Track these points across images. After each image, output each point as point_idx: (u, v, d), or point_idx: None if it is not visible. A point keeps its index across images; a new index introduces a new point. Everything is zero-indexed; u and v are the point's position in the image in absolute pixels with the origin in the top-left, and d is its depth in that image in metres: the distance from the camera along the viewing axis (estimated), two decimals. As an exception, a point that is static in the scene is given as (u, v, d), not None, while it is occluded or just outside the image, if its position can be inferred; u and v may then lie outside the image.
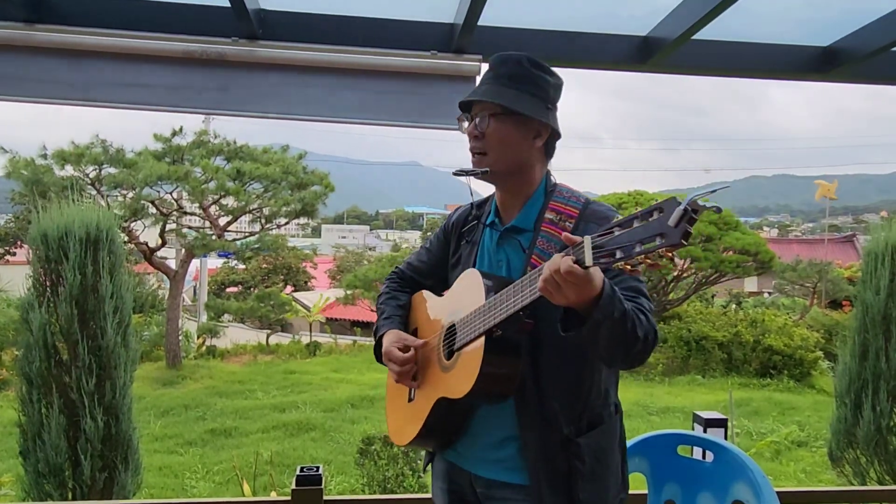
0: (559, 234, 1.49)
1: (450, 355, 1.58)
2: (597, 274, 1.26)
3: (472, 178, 1.60)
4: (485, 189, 1.76)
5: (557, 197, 1.59)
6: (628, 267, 1.12)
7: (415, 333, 1.77)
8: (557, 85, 1.60)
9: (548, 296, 1.28)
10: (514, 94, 1.54)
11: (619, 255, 1.12)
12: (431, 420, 1.60)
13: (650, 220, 1.09)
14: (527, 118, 1.55)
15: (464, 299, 1.56)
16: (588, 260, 1.17)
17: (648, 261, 1.09)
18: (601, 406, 1.57)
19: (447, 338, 1.60)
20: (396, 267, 1.94)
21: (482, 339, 1.46)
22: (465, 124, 1.62)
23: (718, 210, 1.09)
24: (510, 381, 1.48)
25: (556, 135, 1.60)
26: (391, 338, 1.69)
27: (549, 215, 1.56)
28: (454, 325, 1.57)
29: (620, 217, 1.50)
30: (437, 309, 1.70)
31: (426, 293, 1.79)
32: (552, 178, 1.64)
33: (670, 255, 1.08)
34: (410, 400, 1.71)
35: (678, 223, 1.04)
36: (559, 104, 1.62)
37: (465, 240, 1.71)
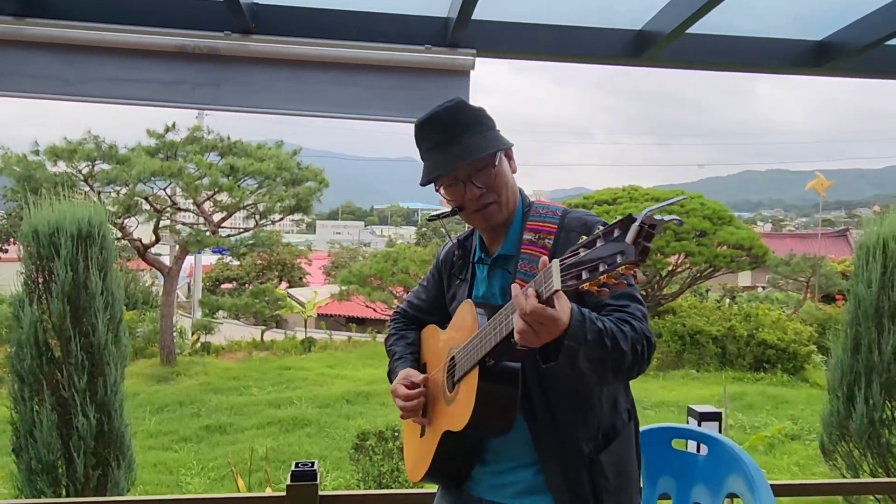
0: (539, 252, 1.50)
1: (452, 387, 1.56)
2: (563, 305, 1.23)
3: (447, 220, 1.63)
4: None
5: (533, 216, 1.58)
6: (595, 288, 1.10)
7: (424, 367, 1.76)
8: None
9: (527, 343, 1.25)
10: (483, 137, 1.53)
11: (584, 275, 1.09)
12: (439, 455, 1.58)
13: (613, 237, 1.07)
14: (501, 151, 1.55)
15: (461, 331, 1.55)
16: (556, 284, 1.15)
17: (612, 280, 1.07)
18: (613, 416, 1.56)
19: (449, 370, 1.59)
20: (399, 307, 1.94)
21: (476, 369, 1.44)
22: (444, 190, 1.57)
23: (679, 223, 1.07)
24: (508, 410, 1.45)
25: None
26: (399, 376, 1.69)
27: (527, 236, 1.55)
28: (454, 357, 1.56)
29: (599, 221, 1.51)
30: (442, 342, 1.69)
31: (435, 327, 1.78)
32: (527, 198, 1.64)
33: (632, 272, 1.06)
34: (422, 436, 1.70)
35: (635, 240, 1.02)
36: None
37: (458, 278, 1.71)
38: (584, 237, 1.14)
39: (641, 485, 2.14)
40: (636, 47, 2.66)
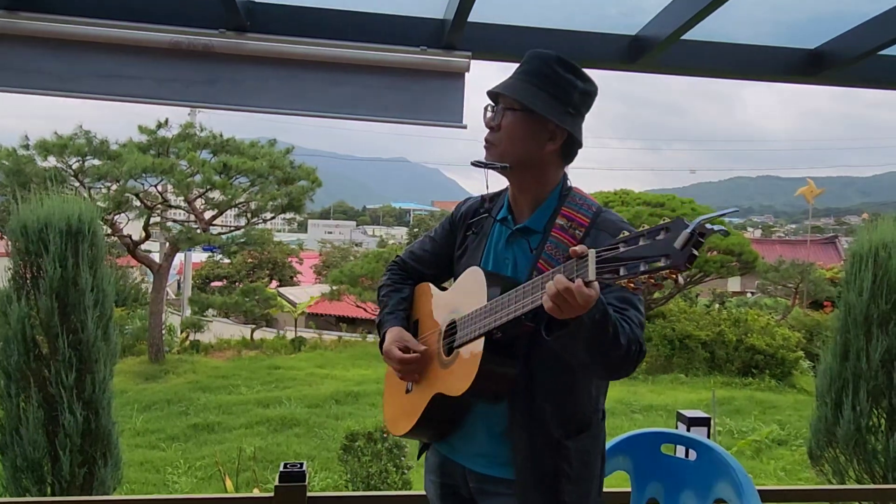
0: (569, 241, 1.51)
1: (449, 352, 1.58)
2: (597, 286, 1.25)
3: (489, 170, 1.60)
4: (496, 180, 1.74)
5: (570, 203, 1.57)
6: (631, 285, 1.12)
7: (416, 325, 1.77)
8: (586, 91, 1.56)
9: (555, 313, 1.26)
10: (533, 91, 1.53)
11: (622, 272, 1.11)
12: (427, 415, 1.62)
13: (656, 239, 1.08)
14: (542, 118, 1.52)
15: (466, 297, 1.56)
16: (591, 275, 1.17)
17: (652, 280, 1.09)
18: (591, 411, 1.58)
19: (447, 334, 1.61)
20: (398, 256, 1.91)
21: (482, 339, 1.46)
22: (490, 114, 1.61)
23: (725, 234, 1.08)
24: (507, 381, 1.50)
25: (574, 141, 1.57)
26: (393, 335, 1.69)
27: (560, 221, 1.55)
28: (455, 322, 1.58)
29: (631, 227, 1.51)
30: (440, 304, 1.71)
31: (430, 286, 1.78)
32: (568, 182, 1.63)
33: (674, 276, 1.07)
34: (408, 391, 1.72)
35: (684, 246, 1.03)
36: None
37: (473, 231, 1.70)
38: (626, 233, 1.15)
39: (630, 489, 2.15)
40: (631, 53, 2.66)
